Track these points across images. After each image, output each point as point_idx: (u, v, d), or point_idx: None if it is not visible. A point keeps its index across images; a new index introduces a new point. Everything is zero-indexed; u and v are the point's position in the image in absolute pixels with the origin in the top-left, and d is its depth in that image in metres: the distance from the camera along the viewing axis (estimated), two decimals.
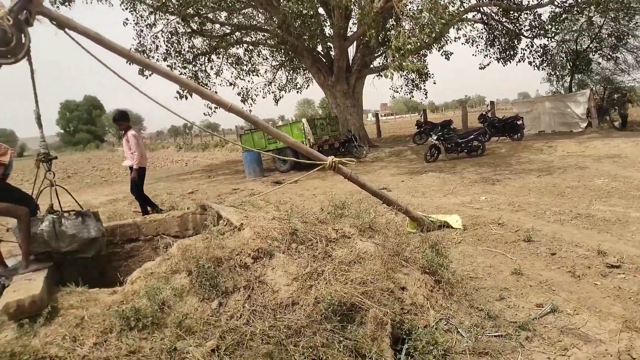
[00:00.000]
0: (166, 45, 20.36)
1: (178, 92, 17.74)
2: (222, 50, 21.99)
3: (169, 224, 5.32)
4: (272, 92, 25.68)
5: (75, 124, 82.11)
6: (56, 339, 3.26)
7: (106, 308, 3.47)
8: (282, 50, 22.90)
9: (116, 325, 3.28)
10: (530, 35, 22.14)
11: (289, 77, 26.39)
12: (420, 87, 24.37)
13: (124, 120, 8.02)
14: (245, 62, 23.39)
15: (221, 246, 3.79)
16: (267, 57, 24.61)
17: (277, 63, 25.33)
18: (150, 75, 17.48)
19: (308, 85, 27.02)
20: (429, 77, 24.06)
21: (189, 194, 12.77)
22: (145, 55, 19.28)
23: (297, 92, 27.25)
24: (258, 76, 24.30)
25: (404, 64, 12.30)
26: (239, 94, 23.66)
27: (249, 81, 24.10)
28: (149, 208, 8.12)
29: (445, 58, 23.31)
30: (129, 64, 14.59)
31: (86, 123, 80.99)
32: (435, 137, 14.53)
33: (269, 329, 3.25)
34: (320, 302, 3.38)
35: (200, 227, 5.43)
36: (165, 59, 20.15)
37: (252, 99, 24.05)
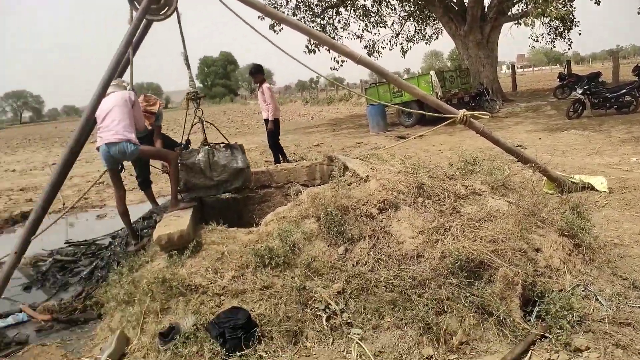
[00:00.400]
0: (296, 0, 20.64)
1: (307, 47, 18.03)
2: (350, 2, 21.73)
3: (298, 173, 5.55)
4: (400, 44, 24.96)
5: (212, 78, 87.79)
6: (200, 270, 3.63)
7: (243, 246, 3.77)
8: (412, 0, 22.00)
9: (252, 262, 3.56)
10: None
11: (417, 28, 25.35)
12: (564, 36, 21.93)
13: (259, 73, 8.40)
14: (372, 14, 22.90)
15: (348, 196, 3.88)
16: (395, 8, 23.81)
17: (406, 13, 24.40)
18: (280, 30, 17.95)
19: (437, 37, 25.75)
20: (575, 24, 21.52)
21: (314, 146, 13.15)
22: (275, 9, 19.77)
23: (426, 43, 26.19)
24: (385, 28, 23.68)
25: (547, 10, 11.14)
26: (365, 47, 23.40)
27: (375, 34, 23.47)
28: (280, 158, 8.54)
29: (595, 2, 20.59)
30: (261, 19, 15.14)
31: (222, 78, 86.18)
32: (580, 91, 13.10)
33: (393, 278, 3.30)
34: (446, 256, 3.33)
35: (326, 177, 5.59)
36: (294, 14, 20.49)
37: (378, 52, 23.65)
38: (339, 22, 22.15)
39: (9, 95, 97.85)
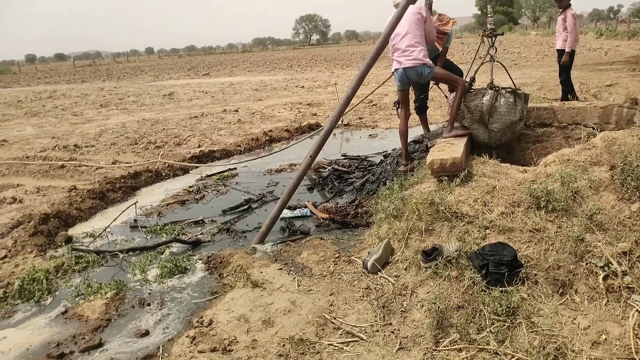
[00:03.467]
0: None
1: None
2: None
3: (589, 114, 4.88)
4: None
5: (494, 4, 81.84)
6: (468, 200, 3.63)
7: (516, 183, 3.59)
8: None
9: (524, 201, 3.38)
10: None
11: None
12: None
13: None
14: None
15: None
16: None
17: None
18: None
19: None
20: None
21: (606, 86, 11.32)
22: None
23: None
24: None
25: None
26: None
27: None
28: (569, 96, 7.67)
29: None
30: None
31: (503, 4, 79.72)
32: None
33: None
34: None
35: (624, 123, 4.79)
36: None
37: None
38: None
39: (303, 19, 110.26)
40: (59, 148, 9.12)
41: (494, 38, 4.79)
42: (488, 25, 4.89)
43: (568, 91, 7.75)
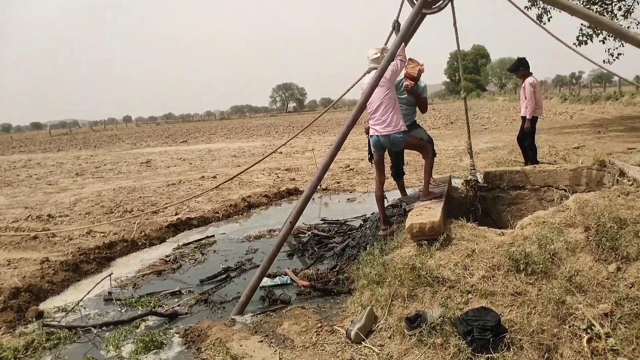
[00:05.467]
0: None
1: (577, 38, 16.19)
2: None
3: (560, 176, 5.05)
4: None
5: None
6: (449, 264, 3.64)
7: (495, 246, 3.63)
8: None
9: (504, 264, 3.41)
10: None
11: None
12: None
13: (524, 67, 7.91)
14: None
15: (628, 207, 3.37)
16: None
17: None
18: (548, 20, 16.52)
19: None
20: None
21: (573, 149, 11.79)
22: None
23: None
24: None
25: None
26: None
27: None
28: (528, 162, 7.94)
29: None
30: (528, 9, 14.15)
31: (471, 72, 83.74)
32: None
33: None
34: None
35: (594, 185, 4.96)
36: None
37: None
38: (620, 9, 19.18)
39: (280, 87, 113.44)
40: (32, 218, 8.89)
41: (477, 189, 5.13)
42: (471, 177, 5.23)
43: (532, 155, 8.02)
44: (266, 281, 4.79)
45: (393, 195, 6.86)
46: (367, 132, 4.96)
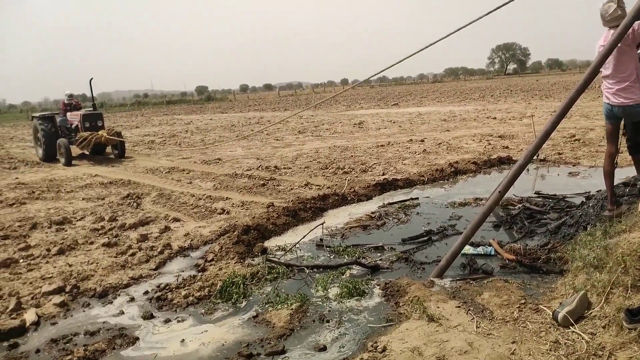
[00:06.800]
0: None
1: None
2: None
3: None
4: None
5: None
6: None
7: None
8: None
9: None
10: None
11: None
12: None
13: None
14: None
15: None
16: None
17: None
18: None
19: None
20: None
21: None
22: None
23: None
24: None
25: None
26: None
27: None
28: None
29: None
30: None
31: None
32: None
33: None
34: None
35: None
36: None
37: None
38: None
39: (499, 48, 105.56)
40: (262, 168, 10.26)
41: None
42: None
43: None
44: (468, 249, 4.69)
45: (626, 172, 5.97)
46: None
